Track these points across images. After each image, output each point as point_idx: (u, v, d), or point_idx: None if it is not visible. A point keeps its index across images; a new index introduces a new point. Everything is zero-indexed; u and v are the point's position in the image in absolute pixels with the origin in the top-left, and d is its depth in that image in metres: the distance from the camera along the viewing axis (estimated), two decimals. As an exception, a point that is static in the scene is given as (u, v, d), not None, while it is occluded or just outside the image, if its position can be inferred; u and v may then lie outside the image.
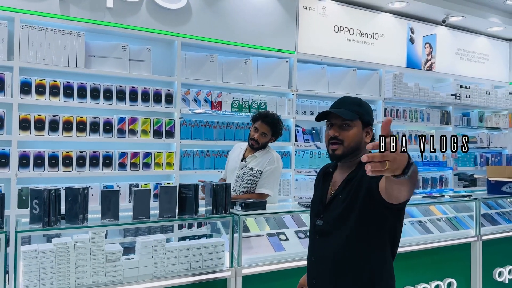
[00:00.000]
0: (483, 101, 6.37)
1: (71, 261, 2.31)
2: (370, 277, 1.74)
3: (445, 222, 3.78)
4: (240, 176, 3.28)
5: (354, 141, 1.79)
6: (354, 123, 1.80)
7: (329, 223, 1.80)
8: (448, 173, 6.09)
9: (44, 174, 3.55)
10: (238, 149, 3.46)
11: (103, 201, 2.43)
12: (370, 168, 1.21)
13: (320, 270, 1.83)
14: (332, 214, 1.79)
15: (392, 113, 5.62)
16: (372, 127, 1.87)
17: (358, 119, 1.81)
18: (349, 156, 1.80)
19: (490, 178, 4.09)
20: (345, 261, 1.75)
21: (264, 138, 3.26)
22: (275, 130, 3.28)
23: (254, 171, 3.26)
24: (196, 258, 2.61)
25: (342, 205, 1.76)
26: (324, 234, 1.82)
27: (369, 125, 1.85)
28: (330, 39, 5.12)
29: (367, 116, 1.84)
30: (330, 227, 1.79)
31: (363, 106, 1.86)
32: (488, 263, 3.74)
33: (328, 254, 1.79)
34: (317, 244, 1.86)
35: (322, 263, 1.82)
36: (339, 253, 1.76)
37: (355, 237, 1.73)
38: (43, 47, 3.57)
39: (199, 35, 4.26)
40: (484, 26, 6.34)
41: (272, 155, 3.31)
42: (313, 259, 1.88)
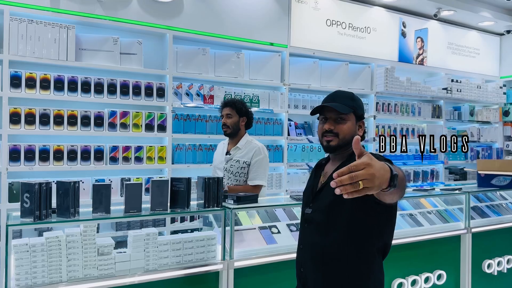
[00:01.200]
0: (474, 95, 6.42)
1: (62, 255, 2.30)
2: (357, 267, 1.76)
3: (435, 215, 3.81)
4: (227, 170, 3.29)
5: (349, 134, 1.84)
6: (348, 116, 1.85)
7: (317, 212, 1.85)
8: (439, 167, 6.15)
9: (35, 168, 3.53)
10: (221, 145, 3.51)
11: (94, 195, 2.42)
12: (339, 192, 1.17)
13: (308, 257, 1.87)
14: (320, 203, 1.84)
15: (384, 107, 5.65)
16: (364, 121, 1.93)
17: (352, 113, 1.86)
18: (344, 147, 1.86)
19: (480, 172, 4.13)
20: (332, 250, 1.78)
21: (230, 118, 3.29)
22: (237, 109, 3.29)
23: (241, 162, 3.27)
24: (188, 251, 2.61)
25: (330, 194, 1.77)
26: (312, 222, 1.87)
27: (362, 118, 1.91)
28: (322, 33, 5.12)
29: (359, 110, 1.90)
30: (318, 216, 1.84)
31: (356, 100, 1.90)
32: (477, 255, 3.79)
33: (315, 241, 1.83)
34: (305, 232, 1.91)
35: (309, 250, 1.86)
36: (325, 241, 1.79)
37: (342, 226, 1.76)
38: (33, 40, 3.53)
39: (191, 28, 4.24)
40: (475, 21, 6.37)
41: (257, 145, 3.32)
42: (301, 247, 1.93)
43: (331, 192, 1.76)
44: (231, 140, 3.37)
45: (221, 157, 3.38)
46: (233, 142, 3.36)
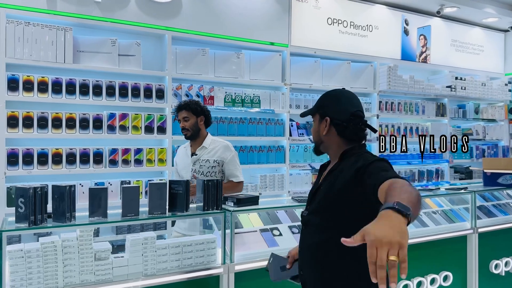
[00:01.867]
0: (478, 92, 6.34)
1: (58, 260, 2.26)
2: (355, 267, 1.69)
3: (440, 215, 3.74)
4: (196, 171, 3.18)
5: (314, 135, 1.90)
6: (314, 118, 1.89)
7: (312, 214, 1.83)
8: (444, 166, 6.06)
9: (34, 172, 3.49)
10: (182, 150, 3.36)
11: (91, 199, 2.38)
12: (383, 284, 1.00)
13: (306, 260, 1.85)
14: (315, 205, 1.83)
15: (387, 106, 5.58)
16: (328, 117, 1.80)
17: (316, 113, 1.87)
18: (320, 148, 1.90)
19: (485, 170, 4.05)
20: (328, 251, 1.74)
21: (188, 121, 3.17)
22: (193, 109, 3.17)
23: (212, 161, 3.17)
24: (188, 255, 2.56)
25: (322, 195, 1.79)
26: (308, 224, 1.85)
27: (325, 115, 1.82)
28: (323, 32, 5.06)
29: (322, 108, 1.85)
30: (313, 218, 1.82)
31: (324, 98, 1.88)
32: (484, 256, 3.71)
33: (311, 244, 1.81)
34: (303, 234, 1.89)
35: (306, 253, 1.84)
36: (321, 242, 1.76)
37: (336, 227, 1.71)
38: (30, 43, 3.50)
39: (190, 28, 4.20)
40: (479, 17, 6.29)
41: (225, 143, 3.26)
42: (300, 250, 1.91)
43: (323, 193, 1.78)
44: (194, 142, 3.25)
45: (186, 160, 3.25)
46: (197, 143, 3.24)
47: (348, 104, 1.83)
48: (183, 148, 3.37)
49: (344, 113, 1.80)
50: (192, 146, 3.26)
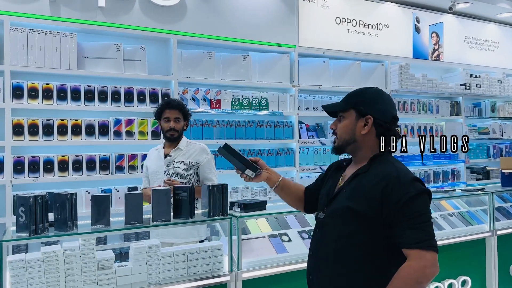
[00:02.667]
0: (494, 90, 6.16)
1: (60, 270, 2.21)
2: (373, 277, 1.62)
3: (457, 217, 3.61)
4: (170, 173, 3.02)
5: (345, 133, 1.74)
6: (346, 114, 1.75)
7: (329, 216, 1.74)
8: (460, 166, 5.90)
9: (40, 180, 3.47)
10: (154, 152, 3.18)
11: (93, 207, 2.32)
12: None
13: (318, 265, 1.76)
14: (335, 207, 1.72)
15: (400, 106, 5.44)
16: (370, 116, 1.70)
17: (351, 109, 1.72)
18: (347, 148, 1.76)
19: (503, 170, 3.91)
20: (344, 257, 1.66)
21: (179, 123, 3.04)
22: (185, 113, 3.09)
23: (187, 164, 3.05)
24: (193, 263, 2.49)
25: (345, 199, 1.68)
26: (324, 227, 1.76)
27: (366, 114, 1.70)
28: (332, 32, 4.97)
29: (363, 105, 1.71)
30: (331, 221, 1.72)
31: (362, 95, 1.75)
32: (504, 259, 3.57)
33: (327, 248, 1.71)
34: (317, 238, 1.80)
35: (320, 257, 1.75)
36: (338, 247, 1.68)
37: (354, 233, 1.64)
38: (35, 50, 3.48)
39: (195, 32, 4.15)
40: (493, 13, 6.12)
41: (201, 145, 3.17)
42: (311, 254, 1.81)
43: (346, 196, 1.68)
44: (170, 144, 3.10)
45: (159, 162, 3.08)
46: (173, 145, 3.09)
47: (390, 105, 1.75)
48: (154, 150, 3.18)
49: (387, 114, 1.71)
50: (166, 148, 3.11)
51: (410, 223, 1.53)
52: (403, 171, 1.64)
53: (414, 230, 1.52)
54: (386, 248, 1.62)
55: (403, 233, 1.53)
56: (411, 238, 1.52)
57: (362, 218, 1.62)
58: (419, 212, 1.55)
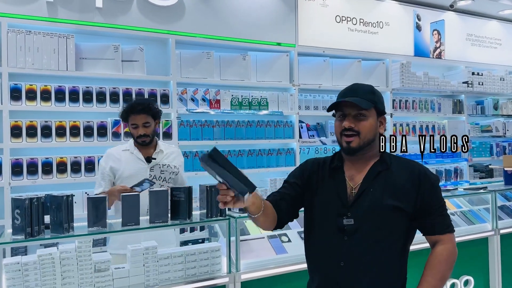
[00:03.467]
0: (497, 87, 6.10)
1: (57, 273, 2.19)
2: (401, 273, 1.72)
3: (459, 216, 3.57)
4: (157, 177, 2.87)
5: (371, 133, 1.68)
6: (369, 112, 1.67)
7: (361, 220, 1.64)
8: (463, 165, 5.84)
9: (38, 182, 3.46)
10: (124, 154, 2.87)
11: (89, 208, 2.31)
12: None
13: (355, 274, 1.64)
14: (364, 210, 1.64)
15: (401, 104, 5.40)
16: (385, 117, 1.77)
17: (373, 108, 1.68)
18: (367, 147, 1.69)
19: (506, 168, 3.86)
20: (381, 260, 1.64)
21: (149, 128, 2.80)
22: (154, 114, 2.84)
23: (172, 167, 2.92)
24: (191, 265, 2.46)
25: (375, 198, 1.65)
26: (355, 232, 1.64)
27: (383, 114, 1.74)
28: (332, 30, 4.93)
29: (380, 104, 1.72)
30: (364, 224, 1.63)
31: (376, 93, 1.73)
32: (507, 258, 3.53)
33: (364, 254, 1.63)
34: (347, 245, 1.64)
35: (357, 266, 1.64)
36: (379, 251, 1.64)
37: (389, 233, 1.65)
38: (32, 51, 3.47)
39: (194, 31, 4.13)
40: (495, 9, 6.07)
41: (176, 148, 3.11)
42: (342, 264, 1.65)
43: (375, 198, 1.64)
44: (144, 147, 2.87)
45: (137, 165, 2.83)
46: (149, 148, 2.88)
47: None
48: (125, 152, 2.88)
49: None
50: (144, 150, 2.86)
51: (440, 211, 1.68)
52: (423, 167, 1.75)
53: (443, 217, 1.69)
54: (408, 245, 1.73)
55: (436, 221, 1.67)
56: (443, 224, 1.69)
57: (402, 214, 1.65)
58: (442, 198, 1.71)
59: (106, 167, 2.85)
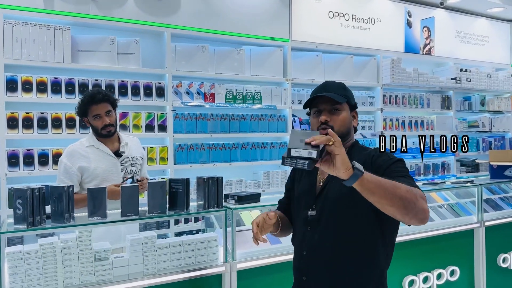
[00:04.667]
0: (484, 84, 6.24)
1: (58, 262, 2.24)
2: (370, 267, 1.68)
3: (446, 209, 3.69)
4: (128, 171, 2.85)
5: (345, 126, 1.76)
6: (343, 106, 1.77)
7: (323, 211, 1.72)
8: (450, 159, 5.99)
9: (34, 173, 3.48)
10: (91, 150, 2.78)
11: (90, 199, 2.35)
12: (314, 142, 1.33)
13: (314, 264, 1.74)
14: (326, 202, 1.72)
15: (391, 100, 5.51)
16: (356, 111, 1.87)
17: (346, 102, 1.77)
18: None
19: (492, 163, 3.99)
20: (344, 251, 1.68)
21: (112, 116, 2.76)
22: (113, 102, 2.79)
23: (139, 158, 2.93)
24: (189, 254, 2.53)
25: (337, 190, 1.67)
26: (318, 223, 1.73)
27: (355, 108, 1.84)
28: (325, 26, 5.00)
29: (352, 99, 1.82)
30: (325, 216, 1.71)
31: (347, 89, 1.84)
32: (491, 250, 3.65)
33: (325, 244, 1.71)
34: (309, 236, 1.75)
35: (317, 256, 1.72)
36: (336, 242, 1.68)
37: (353, 222, 1.67)
38: (28, 43, 3.48)
39: (189, 25, 4.16)
40: (484, 7, 6.19)
41: (134, 138, 3.03)
42: (304, 254, 1.77)
43: (337, 189, 1.68)
44: (108, 139, 2.80)
45: (108, 160, 2.78)
46: (112, 141, 2.83)
47: None
48: (90, 148, 2.77)
49: None
50: (108, 145, 2.80)
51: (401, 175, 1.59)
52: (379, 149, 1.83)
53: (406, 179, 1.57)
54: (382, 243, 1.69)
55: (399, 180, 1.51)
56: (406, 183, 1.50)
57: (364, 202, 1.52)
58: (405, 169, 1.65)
59: (72, 167, 2.73)
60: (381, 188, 1.39)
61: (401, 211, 1.42)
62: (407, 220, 1.46)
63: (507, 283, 3.78)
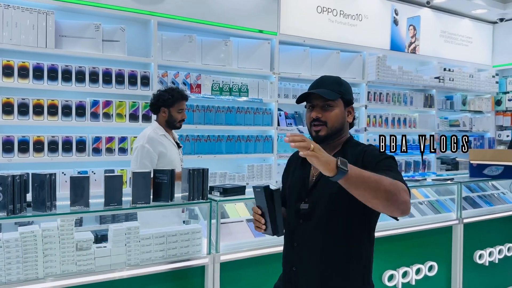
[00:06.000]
0: (466, 84, 6.36)
1: (38, 250, 2.20)
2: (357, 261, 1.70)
3: (427, 205, 3.75)
4: (181, 160, 3.31)
5: (338, 122, 1.74)
6: (336, 103, 1.74)
7: (316, 205, 1.72)
8: (430, 157, 6.09)
9: (14, 160, 3.40)
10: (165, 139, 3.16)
11: (72, 188, 2.31)
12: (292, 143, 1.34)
13: (304, 256, 1.75)
14: (319, 197, 1.72)
15: (376, 97, 5.56)
16: (353, 107, 1.83)
17: (340, 98, 1.74)
18: (334, 136, 1.75)
19: (472, 161, 4.07)
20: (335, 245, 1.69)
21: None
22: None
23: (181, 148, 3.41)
24: (172, 246, 2.51)
25: (329, 187, 1.65)
26: (310, 218, 1.73)
27: (350, 104, 1.80)
28: (313, 20, 5.00)
29: (348, 95, 1.78)
30: (318, 211, 1.71)
31: (343, 85, 1.79)
32: (469, 246, 3.74)
33: (316, 238, 1.71)
34: (301, 229, 1.75)
35: (307, 248, 1.74)
36: (328, 236, 1.69)
37: (345, 217, 1.67)
38: (10, 26, 3.38)
39: (177, 14, 4.10)
40: (468, 8, 6.29)
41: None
42: (295, 245, 1.77)
43: (330, 185, 1.62)
44: (169, 130, 3.26)
45: (174, 149, 3.23)
46: (171, 132, 3.29)
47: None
48: (163, 137, 3.16)
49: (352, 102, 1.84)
50: (171, 135, 3.25)
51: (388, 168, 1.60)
52: (373, 145, 1.77)
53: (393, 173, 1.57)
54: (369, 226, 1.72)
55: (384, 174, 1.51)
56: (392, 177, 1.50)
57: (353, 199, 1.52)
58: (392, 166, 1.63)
59: (154, 151, 3.07)
60: (365, 183, 1.42)
61: (383, 203, 1.45)
62: (389, 211, 1.49)
63: (482, 279, 3.88)
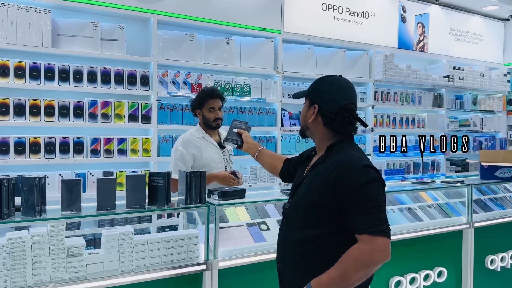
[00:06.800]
0: (476, 83, 6.19)
1: (27, 257, 2.11)
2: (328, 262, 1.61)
3: (436, 209, 3.62)
4: (228, 161, 3.20)
5: (301, 119, 1.84)
6: (305, 101, 1.81)
7: (292, 207, 1.78)
8: (440, 158, 5.94)
9: (10, 162, 3.33)
10: (200, 140, 3.09)
11: (63, 191, 2.22)
12: None
13: (284, 254, 1.80)
14: (296, 199, 1.77)
15: (383, 96, 5.42)
16: (316, 105, 1.73)
17: (307, 96, 1.79)
18: (306, 133, 1.85)
19: (483, 163, 3.93)
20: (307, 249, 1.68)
21: (221, 112, 3.13)
22: (223, 99, 3.15)
23: (231, 150, 3.26)
24: (168, 252, 2.41)
25: (304, 190, 1.72)
26: (288, 218, 1.80)
27: (314, 103, 1.73)
28: (317, 18, 4.88)
29: (313, 94, 1.76)
30: (294, 211, 1.76)
31: (317, 83, 1.78)
32: (480, 251, 3.60)
33: (291, 237, 1.75)
34: (283, 227, 1.84)
35: (285, 247, 1.79)
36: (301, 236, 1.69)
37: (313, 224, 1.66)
38: (6, 25, 3.31)
39: (177, 12, 4.01)
40: (479, 5, 6.12)
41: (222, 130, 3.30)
42: (278, 242, 1.85)
43: (305, 188, 1.71)
44: (212, 131, 3.16)
45: (215, 150, 3.11)
46: (215, 133, 3.18)
47: (340, 95, 1.72)
48: (200, 138, 3.07)
49: (333, 104, 1.71)
50: (213, 136, 3.13)
51: (362, 209, 1.53)
52: (356, 158, 1.63)
53: (366, 215, 1.52)
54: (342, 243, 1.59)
55: (355, 219, 1.53)
56: (362, 223, 1.51)
57: (319, 209, 1.63)
58: (371, 197, 1.54)
59: (187, 154, 3.03)
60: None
61: (362, 280, 1.54)
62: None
63: (494, 285, 3.74)
